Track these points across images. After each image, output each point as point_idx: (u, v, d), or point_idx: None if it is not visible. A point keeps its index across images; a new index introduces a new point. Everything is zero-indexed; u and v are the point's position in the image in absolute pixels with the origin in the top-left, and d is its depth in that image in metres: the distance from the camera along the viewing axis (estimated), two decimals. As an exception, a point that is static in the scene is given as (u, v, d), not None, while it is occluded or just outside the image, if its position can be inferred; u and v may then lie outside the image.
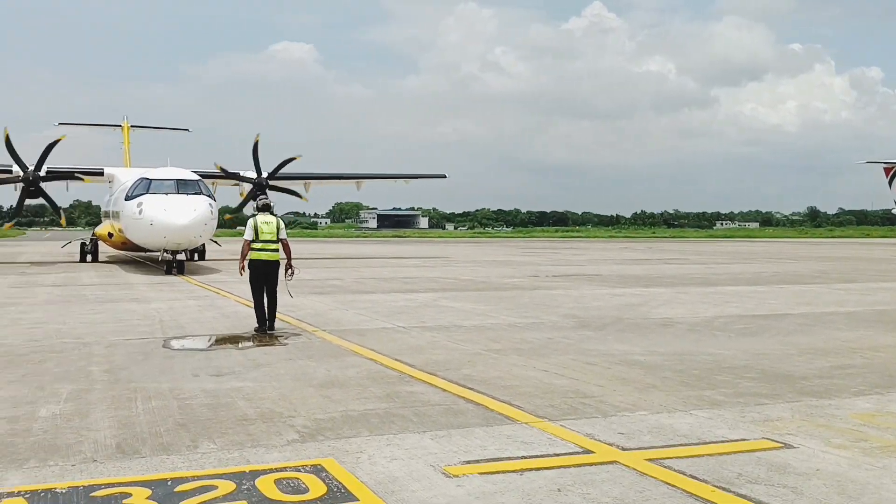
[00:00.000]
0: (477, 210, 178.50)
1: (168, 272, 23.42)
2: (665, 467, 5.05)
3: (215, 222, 25.49)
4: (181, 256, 24.40)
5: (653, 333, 11.25)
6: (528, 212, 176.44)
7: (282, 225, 11.33)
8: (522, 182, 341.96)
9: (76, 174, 30.88)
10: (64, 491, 4.57)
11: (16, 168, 28.76)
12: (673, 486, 4.71)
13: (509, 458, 5.21)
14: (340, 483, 4.72)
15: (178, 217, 23.02)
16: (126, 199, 25.19)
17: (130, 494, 4.51)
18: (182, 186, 24.48)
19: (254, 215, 11.53)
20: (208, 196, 24.88)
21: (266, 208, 11.53)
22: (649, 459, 5.20)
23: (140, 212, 23.94)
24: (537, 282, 21.32)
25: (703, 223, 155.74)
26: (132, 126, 43.05)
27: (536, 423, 6.14)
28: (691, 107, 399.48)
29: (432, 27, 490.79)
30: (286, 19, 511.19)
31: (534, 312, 13.75)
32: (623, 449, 5.45)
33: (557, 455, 5.31)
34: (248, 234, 11.19)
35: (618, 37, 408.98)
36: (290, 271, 11.55)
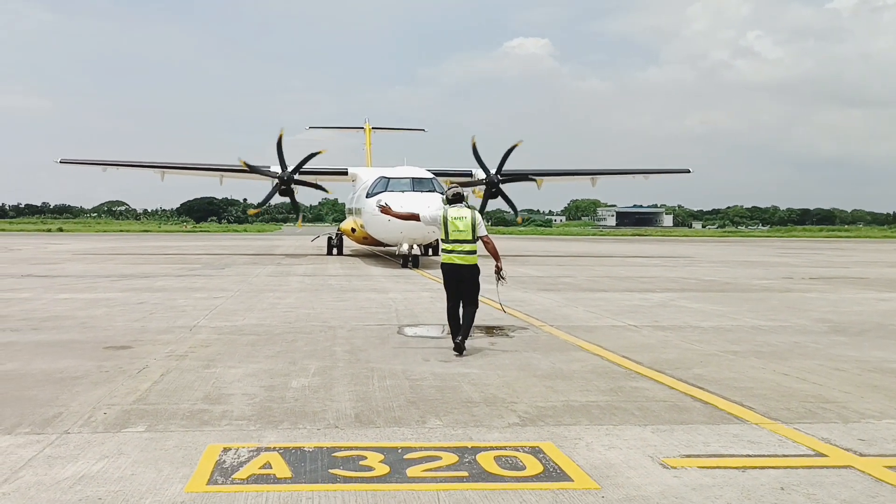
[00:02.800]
0: (728, 207, 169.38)
1: (404, 265, 24.85)
2: (907, 476, 4.68)
3: None
4: (416, 251, 25.68)
5: (920, 342, 10.21)
6: (787, 209, 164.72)
7: (479, 219, 9.10)
8: (780, 177, 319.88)
9: (322, 179, 33.29)
10: (311, 450, 5.13)
11: (274, 168, 31.64)
12: (914, 495, 4.36)
13: (732, 456, 5.07)
14: (557, 465, 4.87)
15: (413, 214, 24.12)
16: (367, 197, 26.86)
17: (366, 457, 4.97)
18: (417, 184, 25.70)
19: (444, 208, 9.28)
20: (441, 194, 25.87)
21: (457, 199, 9.26)
22: (889, 467, 4.84)
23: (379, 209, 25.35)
24: (790, 284, 19.97)
25: None
26: (373, 128, 45.50)
27: (767, 424, 5.88)
28: None
29: (676, 15, 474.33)
30: (521, 15, 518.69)
31: (782, 315, 12.93)
32: (861, 455, 5.10)
33: (786, 456, 5.08)
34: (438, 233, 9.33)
35: (895, 14, 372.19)
36: (498, 276, 9.38)
